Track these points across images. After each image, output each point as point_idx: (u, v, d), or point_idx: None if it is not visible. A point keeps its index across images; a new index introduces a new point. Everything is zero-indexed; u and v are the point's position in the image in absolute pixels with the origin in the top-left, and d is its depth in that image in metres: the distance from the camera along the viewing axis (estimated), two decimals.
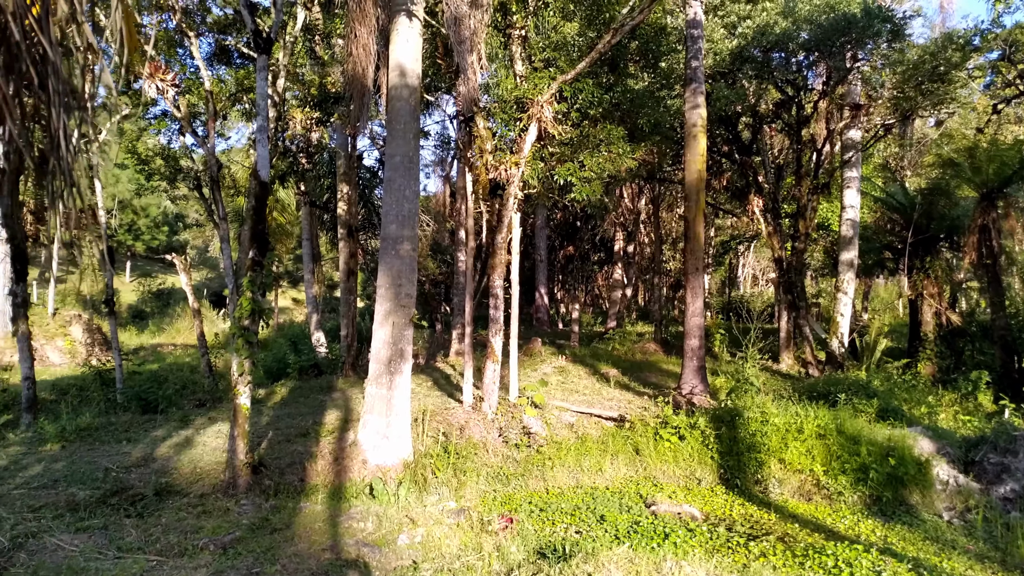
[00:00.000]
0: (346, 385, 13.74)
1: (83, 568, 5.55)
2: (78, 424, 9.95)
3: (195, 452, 9.04)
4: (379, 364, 9.35)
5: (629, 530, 7.80)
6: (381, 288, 9.48)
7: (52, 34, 1.21)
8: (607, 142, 11.98)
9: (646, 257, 31.48)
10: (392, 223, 9.52)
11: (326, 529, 6.98)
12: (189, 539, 6.45)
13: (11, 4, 1.05)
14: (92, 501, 7.28)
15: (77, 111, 1.40)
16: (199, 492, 7.85)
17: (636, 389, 14.26)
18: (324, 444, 9.56)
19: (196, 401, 12.50)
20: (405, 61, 9.58)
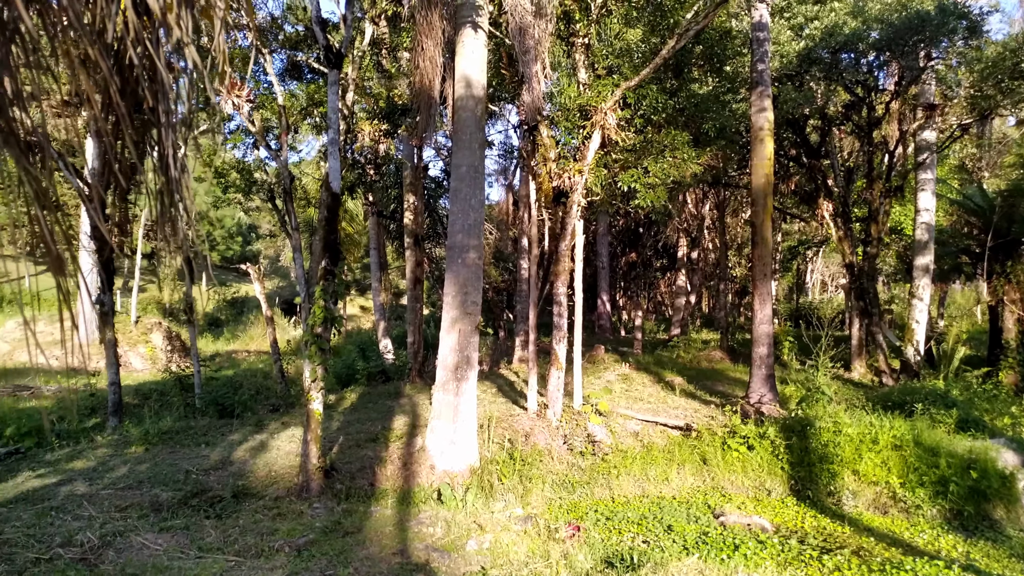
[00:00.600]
0: (413, 391, 13.96)
1: (167, 567, 5.78)
2: (160, 428, 10.38)
3: (270, 456, 9.32)
4: (446, 371, 9.49)
5: (697, 541, 7.71)
6: (448, 296, 9.62)
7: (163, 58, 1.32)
8: (671, 147, 11.90)
9: (710, 263, 31.03)
10: (458, 232, 9.66)
11: (396, 533, 7.11)
12: (265, 540, 6.65)
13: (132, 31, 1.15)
14: (174, 502, 7.59)
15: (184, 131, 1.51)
16: (274, 495, 8.10)
17: (702, 398, 14.07)
18: (393, 449, 9.74)
19: (270, 406, 12.88)
20: (471, 72, 9.73)
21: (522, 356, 18.35)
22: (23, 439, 10.45)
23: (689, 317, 27.97)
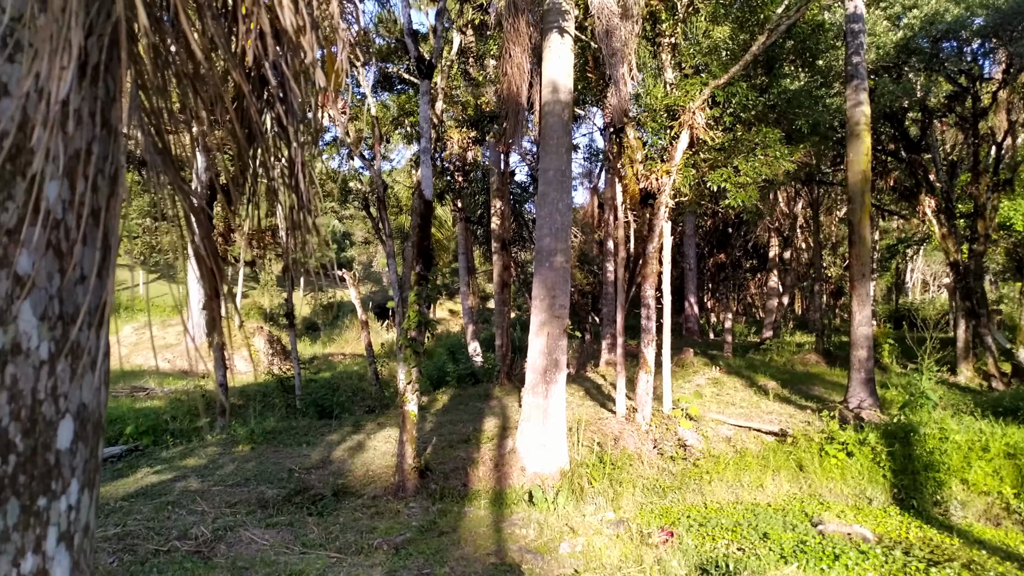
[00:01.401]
0: (502, 393, 14.14)
1: (273, 561, 6.10)
2: (264, 427, 10.92)
3: (367, 456, 9.66)
4: (535, 374, 9.60)
5: (795, 549, 7.54)
6: (536, 300, 9.73)
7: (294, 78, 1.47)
8: (763, 145, 11.66)
9: (803, 263, 30.07)
10: (546, 236, 9.76)
11: (490, 534, 7.26)
12: (365, 538, 6.92)
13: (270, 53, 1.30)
14: (279, 499, 7.98)
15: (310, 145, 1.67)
16: (372, 494, 8.40)
17: (797, 402, 13.70)
18: (484, 450, 9.92)
19: (366, 407, 13.33)
20: (557, 77, 9.83)
21: (609, 359, 18.28)
22: (141, 437, 11.19)
23: (781, 319, 27.20)
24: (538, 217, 10.01)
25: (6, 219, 1.03)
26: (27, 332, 1.05)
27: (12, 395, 1.03)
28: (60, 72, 0.94)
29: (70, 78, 0.95)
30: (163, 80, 1.19)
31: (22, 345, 1.04)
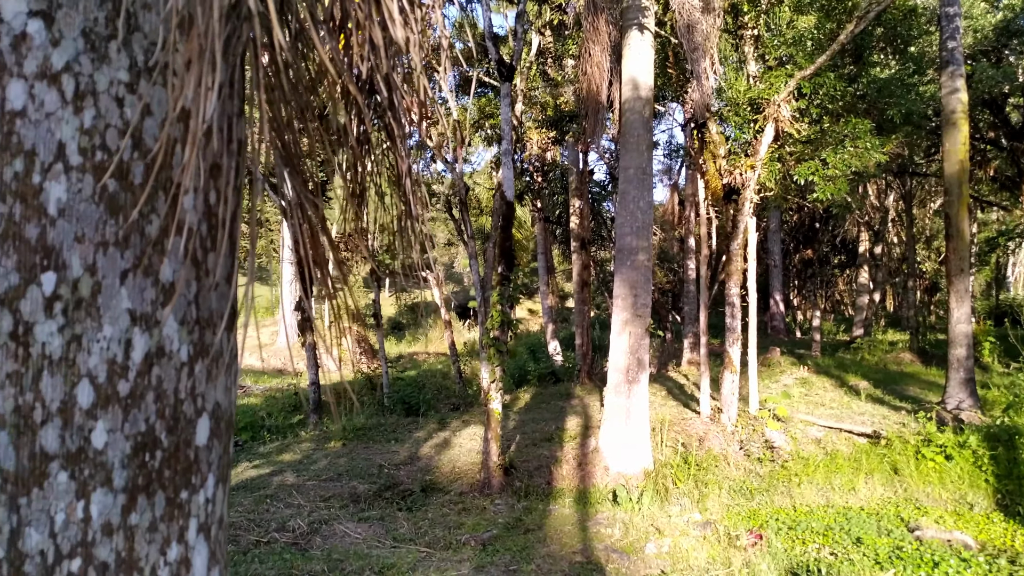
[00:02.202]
0: (583, 392, 14.12)
1: (366, 555, 6.28)
2: (355, 424, 11.24)
3: (452, 453, 9.81)
4: (617, 373, 9.55)
5: (891, 555, 7.26)
6: (618, 299, 9.68)
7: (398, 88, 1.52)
8: (852, 137, 11.25)
9: (895, 258, 28.86)
10: (627, 235, 9.70)
11: (575, 533, 7.27)
12: (452, 534, 7.04)
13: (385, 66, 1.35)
14: (370, 494, 8.20)
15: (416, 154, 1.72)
16: (458, 490, 8.53)
17: (891, 403, 13.16)
18: (567, 449, 9.93)
19: (450, 405, 13.54)
20: (637, 74, 9.75)
21: (691, 359, 18.01)
22: (240, 433, 11.69)
23: (873, 317, 26.15)
24: (618, 215, 9.95)
25: (151, 231, 1.11)
26: (170, 336, 1.13)
27: (158, 395, 1.11)
28: (206, 94, 1.01)
29: (215, 100, 1.01)
30: (289, 94, 1.25)
31: (165, 348, 1.12)
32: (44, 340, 1.00)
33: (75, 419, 1.02)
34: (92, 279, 1.04)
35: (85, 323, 1.03)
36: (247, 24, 1.11)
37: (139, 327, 1.09)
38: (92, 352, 1.04)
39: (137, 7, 1.10)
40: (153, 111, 1.12)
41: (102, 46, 1.07)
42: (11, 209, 0.99)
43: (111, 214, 1.06)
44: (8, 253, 0.98)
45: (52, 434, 1.00)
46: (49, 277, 1.01)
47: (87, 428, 1.03)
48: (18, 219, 0.99)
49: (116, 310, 1.06)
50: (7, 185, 0.99)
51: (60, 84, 1.03)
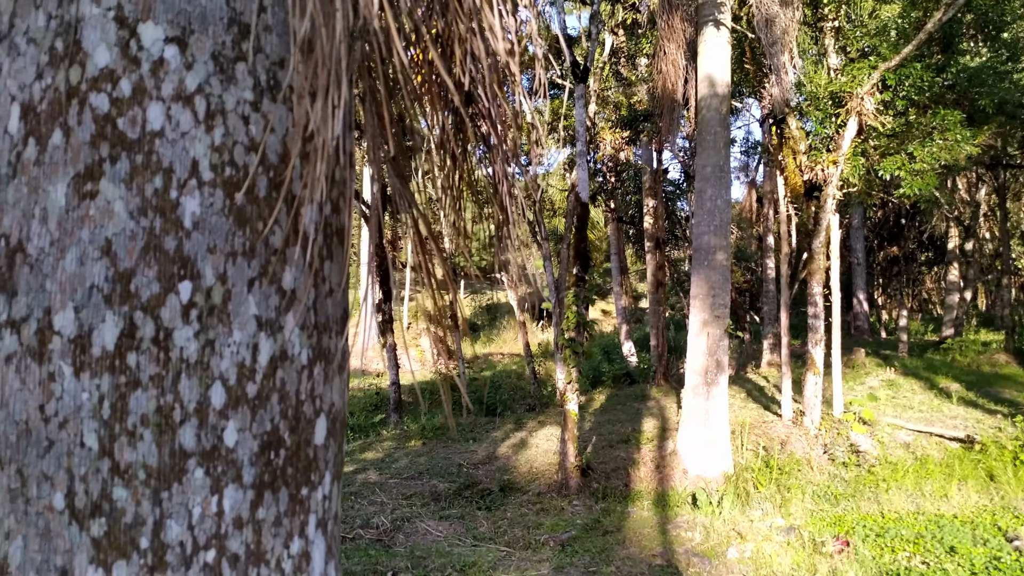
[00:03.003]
0: (659, 394, 13.96)
1: (448, 552, 6.37)
2: (434, 424, 11.41)
3: (529, 453, 9.86)
4: (695, 375, 9.42)
5: (987, 566, 6.93)
6: (695, 299, 9.55)
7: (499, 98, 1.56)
8: (940, 129, 10.79)
9: (988, 255, 27.49)
10: (704, 234, 9.56)
11: (654, 535, 7.21)
12: (531, 534, 7.07)
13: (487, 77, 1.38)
14: (450, 493, 8.32)
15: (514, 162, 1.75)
16: (536, 491, 8.57)
17: (985, 406, 12.55)
18: (644, 451, 9.85)
19: (526, 406, 13.59)
20: (714, 71, 9.60)
21: (771, 360, 17.59)
22: None
23: (964, 316, 24.96)
24: (696, 214, 9.82)
25: (275, 241, 1.17)
26: (292, 340, 1.19)
27: (281, 396, 1.17)
28: (332, 112, 1.06)
29: (341, 118, 1.06)
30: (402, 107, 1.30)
31: (288, 352, 1.18)
32: (182, 345, 1.07)
33: (209, 419, 1.09)
34: (223, 287, 1.11)
35: (217, 329, 1.10)
36: (362, 42, 1.16)
37: (265, 332, 1.15)
38: (224, 356, 1.10)
39: (259, 30, 1.17)
40: (275, 128, 1.18)
41: (229, 68, 1.14)
42: (152, 223, 1.07)
43: (239, 226, 1.13)
44: (150, 264, 1.06)
45: (189, 433, 1.07)
46: (185, 286, 1.08)
47: (220, 427, 1.09)
48: (158, 232, 1.07)
49: (244, 316, 1.13)
50: (148, 201, 1.07)
51: (193, 105, 1.10)
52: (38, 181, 1.06)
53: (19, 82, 1.09)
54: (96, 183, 1.06)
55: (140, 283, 1.05)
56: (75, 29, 1.08)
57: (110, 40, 1.08)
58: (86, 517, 1.02)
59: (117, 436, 1.03)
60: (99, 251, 1.05)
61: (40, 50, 1.09)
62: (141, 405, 1.04)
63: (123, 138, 1.07)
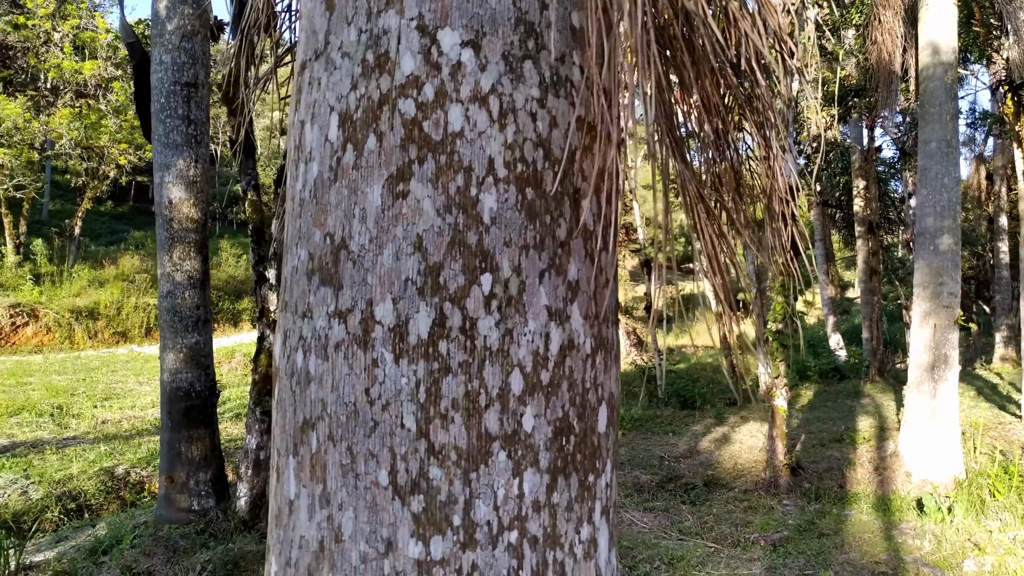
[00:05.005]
0: (874, 390, 12.99)
1: (654, 544, 6.32)
2: (632, 415, 11.36)
3: (733, 448, 9.55)
4: (919, 370, 8.65)
5: None
6: (918, 288, 8.77)
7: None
8: None
9: None
10: (928, 216, 8.75)
11: (877, 541, 6.73)
12: (740, 531, 6.84)
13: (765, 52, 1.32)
14: (652, 485, 8.24)
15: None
16: (742, 487, 8.27)
17: None
18: (860, 452, 9.21)
19: (726, 400, 13.17)
20: (937, 37, 8.74)
21: (1004, 354, 15.84)
22: None
23: None
24: (918, 194, 9.00)
25: (561, 234, 1.20)
26: (576, 330, 1.22)
27: (570, 384, 1.20)
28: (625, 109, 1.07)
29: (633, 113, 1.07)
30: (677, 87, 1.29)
31: (574, 341, 1.21)
32: (485, 333, 1.13)
33: (510, 404, 1.14)
34: (518, 279, 1.15)
35: (515, 319, 1.15)
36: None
37: (555, 322, 1.19)
38: (521, 344, 1.15)
39: (543, 27, 1.20)
40: (558, 123, 1.21)
41: (518, 66, 1.18)
42: (456, 219, 1.13)
43: (530, 220, 1.17)
44: (455, 258, 1.13)
45: (493, 417, 1.12)
46: (486, 278, 1.13)
47: (519, 413, 1.14)
48: (461, 228, 1.13)
49: (536, 306, 1.17)
50: (452, 198, 1.13)
51: (488, 105, 1.16)
52: (357, 183, 1.16)
53: (336, 93, 1.20)
54: (407, 183, 1.14)
55: (448, 276, 1.12)
56: (383, 40, 1.17)
57: (414, 48, 1.15)
58: (407, 493, 1.10)
59: (432, 419, 1.10)
60: (412, 247, 1.13)
61: (353, 63, 1.19)
62: (452, 390, 1.11)
63: (428, 140, 1.14)
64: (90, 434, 9.82)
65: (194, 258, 6.16)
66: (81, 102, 20.14)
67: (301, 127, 1.26)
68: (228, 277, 25.12)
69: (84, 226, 24.87)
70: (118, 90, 20.33)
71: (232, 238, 30.69)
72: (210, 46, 6.56)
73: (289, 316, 1.24)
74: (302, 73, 1.29)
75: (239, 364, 15.42)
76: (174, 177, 6.06)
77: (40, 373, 14.19)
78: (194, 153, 6.11)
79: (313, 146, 1.23)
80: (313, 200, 1.21)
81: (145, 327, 20.33)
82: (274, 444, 1.26)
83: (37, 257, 21.37)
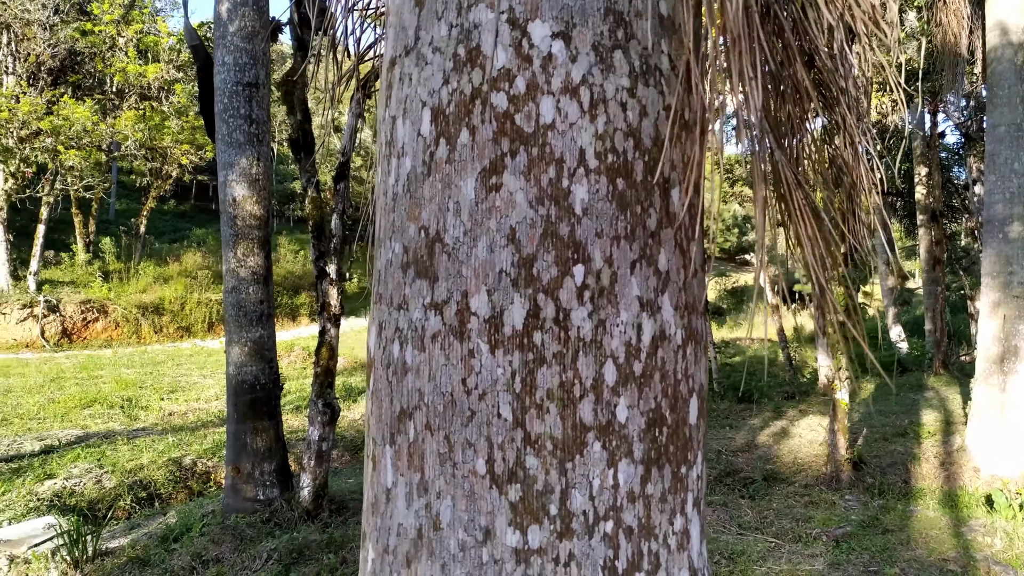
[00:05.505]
0: (938, 384, 12.62)
1: (715, 539, 6.25)
2: None
3: (792, 443, 9.39)
4: (987, 362, 8.37)
5: None
6: (986, 277, 8.50)
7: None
8: None
9: None
10: (997, 203, 8.45)
11: (945, 538, 6.54)
12: (801, 527, 6.72)
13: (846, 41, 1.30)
14: (711, 479, 8.15)
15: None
16: (802, 482, 8.13)
17: None
18: (925, 446, 8.96)
19: (783, 393, 12.95)
20: (1006, 17, 8.43)
21: None
22: None
23: None
24: (986, 181, 8.70)
25: (651, 224, 1.20)
26: (667, 320, 1.21)
27: (662, 375, 1.20)
28: (719, 96, 1.06)
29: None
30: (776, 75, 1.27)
31: (666, 332, 1.21)
32: (578, 324, 1.14)
33: (603, 395, 1.14)
34: (610, 270, 1.16)
35: (607, 309, 1.15)
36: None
37: (646, 312, 1.18)
38: (613, 335, 1.15)
39: (631, 16, 1.19)
40: (648, 112, 1.21)
41: (608, 57, 1.18)
42: (548, 211, 1.14)
43: (621, 210, 1.17)
44: (548, 249, 1.13)
45: (587, 407, 1.13)
46: (579, 269, 1.14)
47: (612, 403, 1.14)
48: (554, 219, 1.14)
49: (628, 297, 1.17)
50: (544, 190, 1.14)
51: (579, 96, 1.16)
52: (450, 177, 1.18)
53: (428, 88, 1.22)
54: (500, 176, 1.15)
55: (541, 267, 1.13)
56: (474, 35, 1.18)
57: (505, 41, 1.16)
58: (504, 482, 1.11)
59: (527, 408, 1.12)
60: (505, 239, 1.14)
61: (444, 57, 1.20)
62: (546, 380, 1.12)
63: (521, 133, 1.15)
64: (158, 425, 10.15)
65: (257, 254, 6.31)
66: (145, 104, 20.79)
67: (392, 122, 1.28)
68: (286, 273, 25.63)
69: (149, 224, 25.71)
70: (180, 92, 20.95)
71: (289, 234, 31.27)
72: (269, 46, 6.69)
73: (384, 308, 1.26)
74: (391, 69, 1.31)
75: (298, 358, 15.73)
76: (237, 175, 6.21)
77: (110, 367, 14.71)
78: (256, 151, 6.25)
79: (405, 141, 1.25)
80: (407, 194, 1.23)
81: (207, 322, 20.90)
82: (368, 433, 1.29)
83: (106, 255, 22.18)
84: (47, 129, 17.58)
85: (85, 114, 17.83)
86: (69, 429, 9.67)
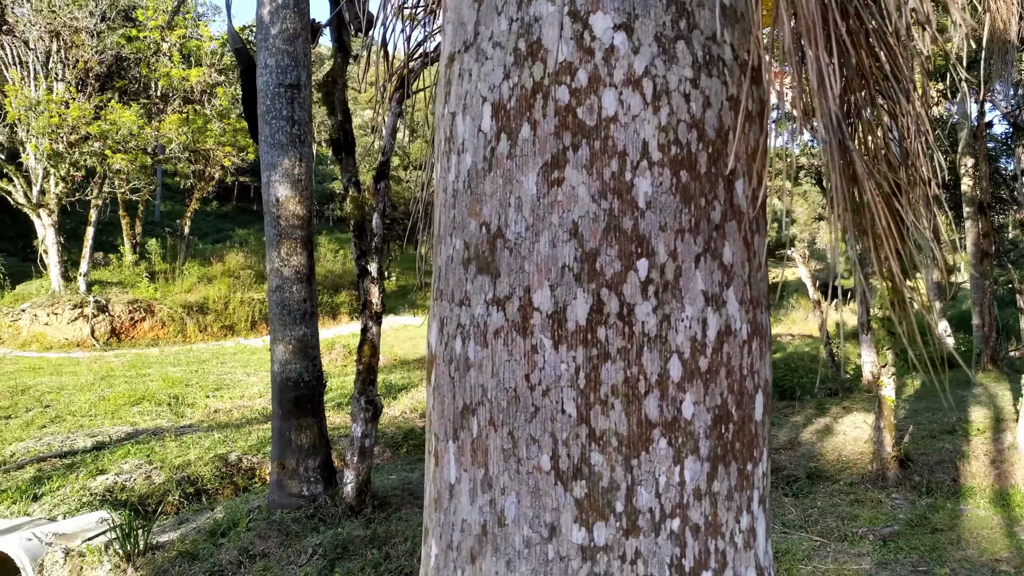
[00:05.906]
0: (987, 380, 12.29)
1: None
2: None
3: (836, 440, 9.23)
4: None
5: None
6: None
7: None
8: None
9: None
10: None
11: (997, 538, 6.37)
12: (847, 525, 6.60)
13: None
14: None
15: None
16: (847, 480, 7.99)
17: None
18: (975, 444, 8.73)
19: (825, 390, 12.74)
20: None
21: None
22: None
23: None
24: None
25: (715, 216, 1.18)
26: (733, 315, 1.19)
27: (728, 371, 1.18)
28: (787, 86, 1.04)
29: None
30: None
31: (731, 327, 1.19)
32: (643, 319, 1.12)
33: (669, 391, 1.12)
34: (674, 264, 1.14)
35: (671, 304, 1.13)
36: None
37: (711, 307, 1.17)
38: (678, 330, 1.14)
39: (693, 6, 1.18)
40: (711, 103, 1.19)
41: (670, 47, 1.16)
42: (611, 205, 1.12)
43: (684, 203, 1.15)
44: (611, 243, 1.12)
45: (653, 403, 1.11)
46: (643, 263, 1.12)
47: (678, 400, 1.13)
48: (616, 213, 1.12)
49: (693, 292, 1.15)
50: (607, 184, 1.13)
51: (641, 88, 1.14)
52: (511, 172, 1.17)
53: (488, 84, 1.21)
54: (562, 171, 1.14)
55: (604, 262, 1.12)
56: (535, 28, 1.17)
57: (566, 34, 1.15)
58: (569, 479, 1.10)
59: (592, 404, 1.10)
60: (567, 233, 1.13)
61: (505, 52, 1.19)
62: (611, 376, 1.11)
63: (582, 126, 1.14)
64: (204, 422, 10.33)
65: (300, 253, 6.38)
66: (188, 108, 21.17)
67: (452, 119, 1.28)
68: (326, 272, 25.91)
69: (192, 225, 26.24)
70: (221, 95, 21.32)
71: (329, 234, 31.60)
72: (310, 48, 6.76)
73: (445, 304, 1.26)
74: (450, 66, 1.31)
75: (339, 356, 15.89)
76: (280, 176, 6.29)
77: (157, 365, 15.04)
78: (298, 152, 6.33)
79: (466, 137, 1.24)
80: (467, 190, 1.23)
81: (250, 321, 21.24)
82: (430, 429, 1.29)
83: (152, 256, 22.68)
84: (95, 133, 18.02)
85: (131, 118, 18.22)
86: (119, 426, 9.91)
